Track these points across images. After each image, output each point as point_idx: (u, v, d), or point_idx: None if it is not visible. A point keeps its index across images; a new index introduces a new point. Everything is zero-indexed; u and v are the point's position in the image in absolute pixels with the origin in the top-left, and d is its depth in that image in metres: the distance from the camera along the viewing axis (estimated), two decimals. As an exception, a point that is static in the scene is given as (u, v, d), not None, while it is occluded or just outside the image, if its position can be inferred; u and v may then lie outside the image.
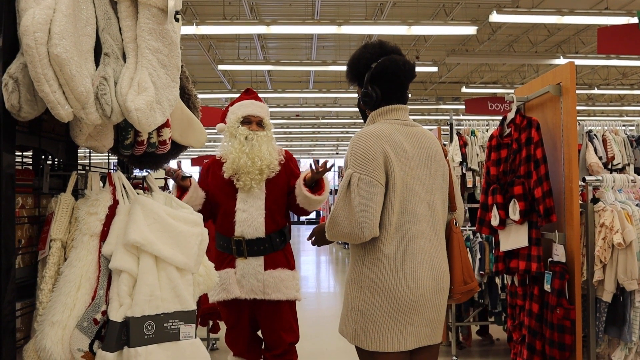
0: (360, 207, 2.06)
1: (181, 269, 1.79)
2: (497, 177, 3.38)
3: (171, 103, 1.83)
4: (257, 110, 3.29)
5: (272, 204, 3.19)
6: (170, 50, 1.80)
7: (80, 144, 1.81)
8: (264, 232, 3.14)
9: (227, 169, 3.16)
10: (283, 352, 3.21)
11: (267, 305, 3.16)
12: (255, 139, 3.17)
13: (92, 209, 1.77)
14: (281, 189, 3.23)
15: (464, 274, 2.33)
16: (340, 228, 2.10)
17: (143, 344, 1.68)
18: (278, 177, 3.22)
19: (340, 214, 2.10)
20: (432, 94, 18.57)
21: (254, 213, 3.14)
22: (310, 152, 32.43)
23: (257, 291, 3.12)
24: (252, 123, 3.25)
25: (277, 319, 3.17)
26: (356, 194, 2.07)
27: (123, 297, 1.69)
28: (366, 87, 2.28)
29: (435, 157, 2.28)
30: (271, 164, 3.17)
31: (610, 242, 3.02)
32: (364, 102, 2.30)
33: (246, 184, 3.12)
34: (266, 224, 3.15)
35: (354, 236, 2.08)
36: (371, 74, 2.26)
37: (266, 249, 3.16)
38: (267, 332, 3.21)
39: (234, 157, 3.13)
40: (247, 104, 3.31)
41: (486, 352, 5.35)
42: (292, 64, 12.64)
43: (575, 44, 13.49)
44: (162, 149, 2.06)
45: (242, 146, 3.15)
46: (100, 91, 1.58)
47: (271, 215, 3.17)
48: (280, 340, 3.18)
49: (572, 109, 3.05)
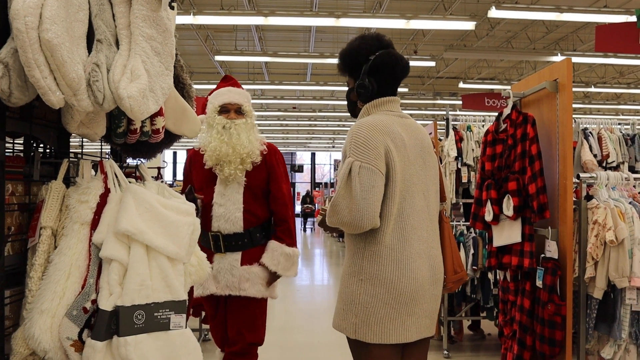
0: (361, 195, 2.04)
1: (172, 258, 1.78)
2: (492, 173, 3.38)
3: (164, 91, 1.82)
4: (235, 98, 3.14)
5: (251, 198, 3.05)
6: (164, 38, 1.78)
7: (72, 131, 1.80)
8: (242, 227, 3.02)
9: (209, 158, 3.03)
10: (241, 350, 3.04)
11: (238, 301, 3.03)
12: (233, 128, 3.04)
13: (83, 197, 1.76)
14: (261, 182, 3.09)
15: (454, 263, 2.34)
16: (340, 216, 2.08)
17: (133, 333, 1.67)
18: (258, 170, 3.07)
19: (340, 202, 2.08)
20: (429, 88, 18.54)
21: (230, 207, 3.01)
22: (306, 144, 32.41)
23: (232, 287, 3.00)
24: (230, 111, 3.11)
25: (242, 314, 3.03)
26: (357, 182, 2.05)
27: (113, 286, 1.68)
28: (363, 78, 2.26)
29: (428, 149, 2.30)
30: (252, 152, 3.04)
31: (602, 239, 3.02)
32: (359, 93, 2.28)
33: (230, 174, 2.99)
34: (244, 219, 3.02)
35: (354, 225, 2.06)
36: (369, 66, 2.25)
37: (245, 244, 3.03)
38: (230, 326, 3.06)
39: (213, 147, 3.00)
40: (224, 92, 3.16)
41: (477, 347, 5.37)
42: (290, 55, 12.61)
43: (573, 42, 13.49)
44: (156, 138, 2.05)
45: (220, 136, 3.02)
46: (92, 78, 1.57)
47: (250, 210, 3.04)
48: (240, 337, 3.02)
49: (568, 105, 3.05)
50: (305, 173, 34.37)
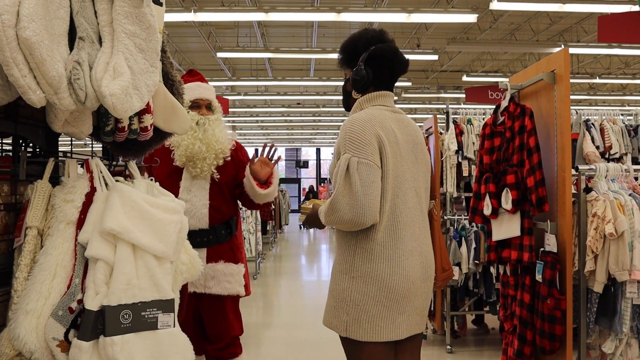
0: (362, 191, 2.02)
1: (159, 257, 1.77)
2: (490, 166, 3.35)
3: (150, 89, 1.80)
4: (205, 93, 3.11)
5: (218, 194, 3.05)
6: (148, 35, 1.76)
7: (57, 130, 1.78)
8: (208, 224, 3.01)
9: (179, 157, 2.99)
10: (226, 345, 3.07)
11: (209, 300, 3.03)
12: (207, 123, 3.02)
13: (69, 196, 1.74)
14: (229, 178, 3.08)
15: (442, 261, 2.33)
16: (340, 214, 2.05)
17: (119, 332, 1.66)
18: (226, 166, 3.06)
19: (340, 200, 2.05)
20: (433, 82, 18.46)
21: (197, 203, 2.99)
22: (311, 140, 32.38)
23: (198, 284, 2.98)
24: (202, 107, 3.08)
25: (220, 314, 3.03)
26: (357, 178, 2.03)
27: (99, 286, 1.67)
28: (360, 66, 2.25)
29: (420, 145, 2.28)
30: (225, 148, 3.03)
31: (602, 232, 2.98)
32: (354, 81, 2.27)
33: (203, 171, 2.97)
34: (210, 215, 3.01)
35: (355, 222, 2.03)
36: (368, 55, 2.24)
37: (210, 241, 3.03)
38: (210, 326, 3.05)
39: (187, 144, 2.96)
40: (194, 87, 3.10)
41: (481, 342, 5.35)
42: (292, 51, 12.56)
43: (577, 33, 13.38)
44: (144, 136, 2.02)
45: (194, 132, 2.98)
46: (73, 76, 1.55)
47: (216, 206, 3.03)
48: (223, 334, 3.05)
49: (565, 96, 3.00)
50: (311, 169, 34.37)
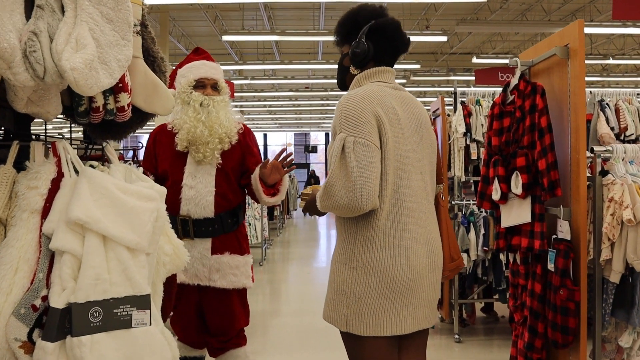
0: (359, 173, 1.85)
1: (132, 249, 1.61)
2: (499, 148, 3.15)
3: (122, 64, 1.63)
4: (211, 72, 2.94)
5: (224, 180, 2.86)
6: (116, 3, 1.59)
7: (19, 110, 1.61)
8: (213, 212, 2.84)
9: (180, 141, 2.83)
10: (230, 337, 2.94)
11: (214, 293, 2.88)
12: (211, 105, 2.84)
13: (33, 182, 1.58)
14: (235, 164, 2.91)
15: (450, 250, 2.16)
16: (335, 199, 1.89)
17: (88, 332, 1.50)
18: (232, 150, 2.89)
19: (335, 182, 1.88)
20: (443, 65, 18.17)
21: (202, 190, 2.82)
22: (320, 124, 32.16)
23: (202, 277, 2.84)
24: (207, 87, 2.91)
25: (226, 308, 2.90)
26: (353, 159, 1.86)
27: (66, 281, 1.51)
28: (360, 38, 2.07)
29: (425, 124, 2.10)
30: (230, 132, 2.86)
31: (619, 218, 2.79)
32: (354, 54, 2.09)
33: (206, 156, 2.80)
34: (216, 202, 2.83)
35: (352, 207, 1.87)
36: (370, 27, 2.07)
37: (215, 231, 2.86)
38: (214, 320, 2.91)
39: (189, 127, 2.79)
40: (199, 65, 2.95)
41: (490, 331, 5.19)
42: (298, 34, 12.32)
43: (591, 12, 13.05)
44: (122, 117, 1.86)
45: (197, 114, 2.81)
46: (28, 48, 1.38)
47: (222, 194, 2.85)
48: (228, 328, 2.92)
49: (580, 73, 2.80)
50: (320, 153, 34.15)
